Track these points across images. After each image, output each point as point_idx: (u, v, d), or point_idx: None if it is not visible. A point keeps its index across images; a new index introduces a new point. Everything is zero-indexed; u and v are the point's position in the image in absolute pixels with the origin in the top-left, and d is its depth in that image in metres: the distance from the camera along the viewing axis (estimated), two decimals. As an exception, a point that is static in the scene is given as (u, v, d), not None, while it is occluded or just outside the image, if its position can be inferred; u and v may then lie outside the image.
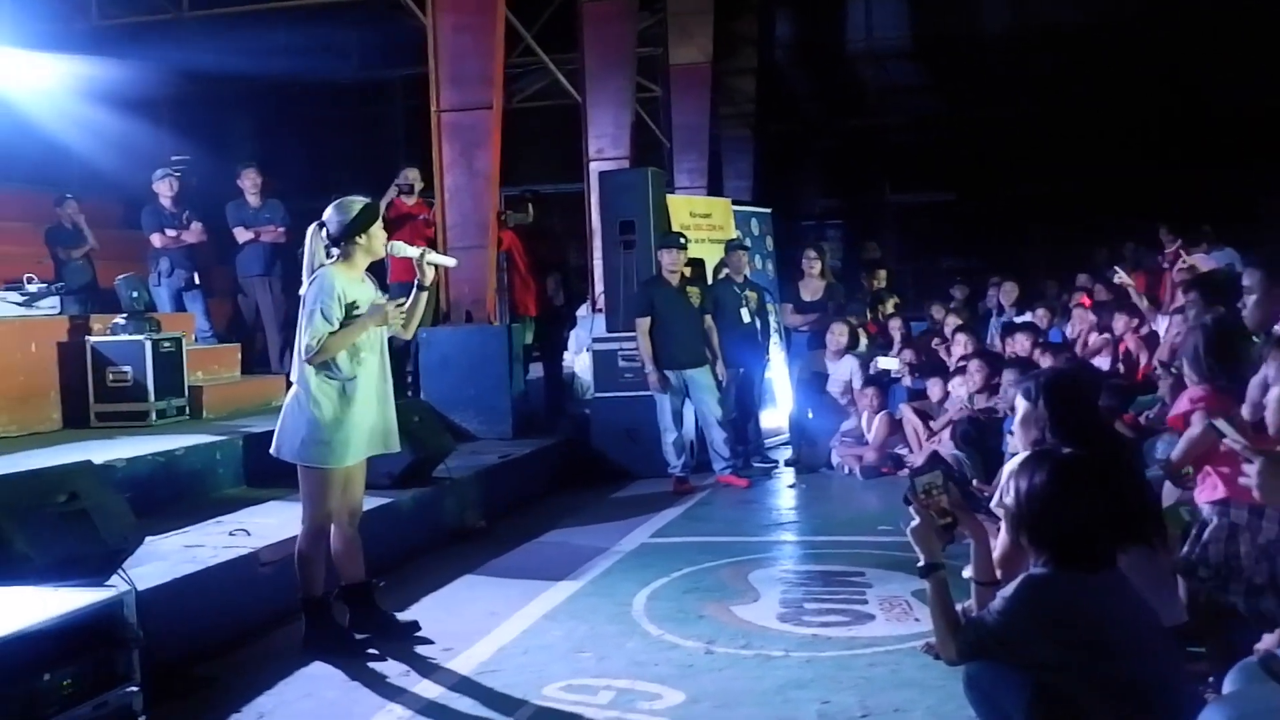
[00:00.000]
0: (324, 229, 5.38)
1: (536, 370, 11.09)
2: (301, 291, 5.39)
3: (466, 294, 10.12)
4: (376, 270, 10.98)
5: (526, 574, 6.92)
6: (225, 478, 7.63)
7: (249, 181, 11.34)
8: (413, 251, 5.66)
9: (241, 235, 11.23)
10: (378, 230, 5.44)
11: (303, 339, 5.28)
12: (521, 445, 9.56)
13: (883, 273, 13.81)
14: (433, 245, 10.36)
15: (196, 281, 11.23)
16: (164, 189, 11.24)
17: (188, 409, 8.81)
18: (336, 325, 5.25)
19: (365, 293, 5.45)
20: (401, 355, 10.45)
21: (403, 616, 5.95)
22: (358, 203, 5.42)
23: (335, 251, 5.39)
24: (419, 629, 5.65)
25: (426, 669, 5.15)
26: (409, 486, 7.49)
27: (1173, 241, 12.85)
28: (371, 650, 5.40)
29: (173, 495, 7.06)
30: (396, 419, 5.64)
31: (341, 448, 5.32)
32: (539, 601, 6.24)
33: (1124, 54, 19.26)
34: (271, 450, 5.45)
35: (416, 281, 5.59)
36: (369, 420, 5.42)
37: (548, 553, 7.56)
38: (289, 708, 4.76)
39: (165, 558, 5.59)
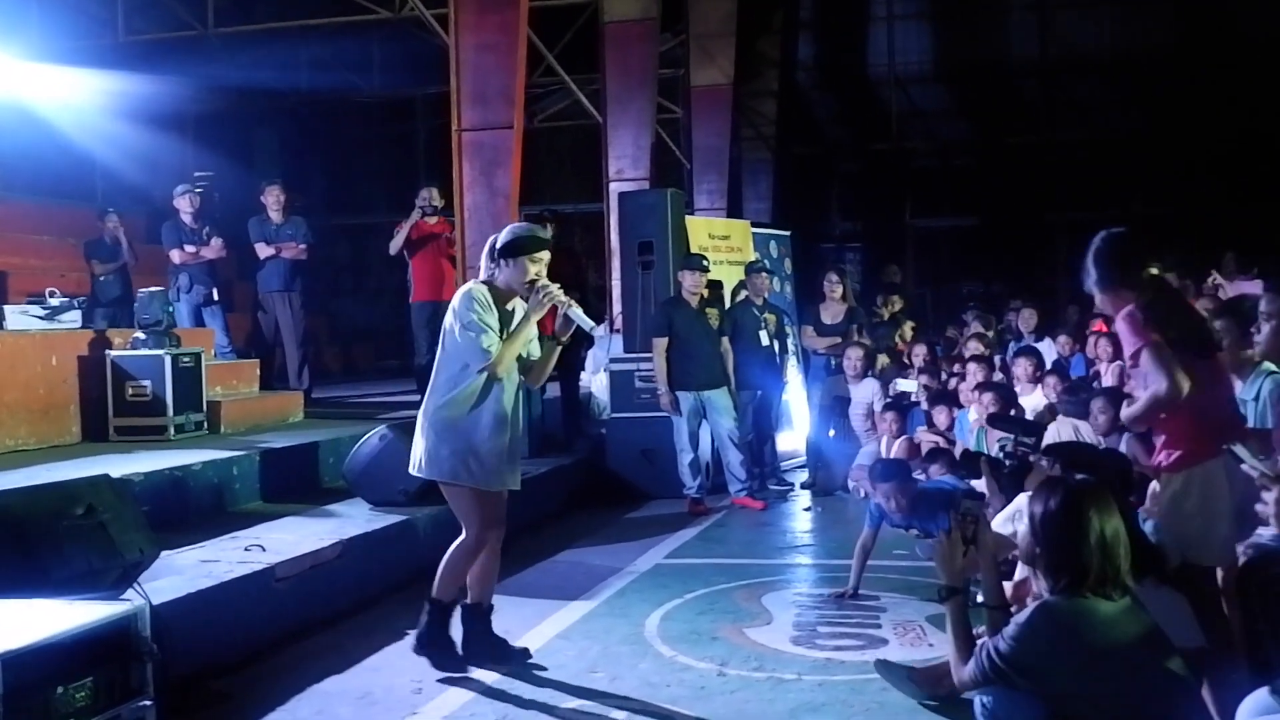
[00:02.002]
0: (496, 240, 5.39)
1: (553, 390, 11.08)
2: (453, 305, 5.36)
3: (485, 313, 10.13)
4: (401, 289, 11.14)
5: (541, 593, 6.91)
6: (242, 493, 7.65)
7: (271, 198, 11.40)
8: (561, 298, 5.41)
9: (263, 251, 11.28)
10: (527, 263, 5.29)
11: (469, 356, 5.20)
12: (538, 464, 9.55)
13: (896, 298, 13.79)
14: (452, 262, 10.44)
15: (216, 297, 11.30)
16: (185, 205, 11.31)
17: (206, 424, 8.84)
18: (498, 330, 5.23)
19: (508, 315, 5.38)
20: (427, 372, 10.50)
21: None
22: (525, 230, 5.45)
23: (490, 268, 5.38)
24: (530, 656, 5.57)
25: (438, 687, 5.15)
26: (424, 504, 7.48)
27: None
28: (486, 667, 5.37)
29: (189, 510, 7.07)
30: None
31: (480, 469, 5.26)
32: (553, 620, 6.25)
33: (1152, 82, 19.26)
34: (411, 469, 5.44)
35: (555, 333, 5.52)
36: (503, 446, 5.32)
37: (562, 572, 7.55)
38: (301, 724, 4.77)
39: (181, 572, 5.60)
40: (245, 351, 11.46)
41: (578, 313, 5.50)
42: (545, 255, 5.38)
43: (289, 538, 6.49)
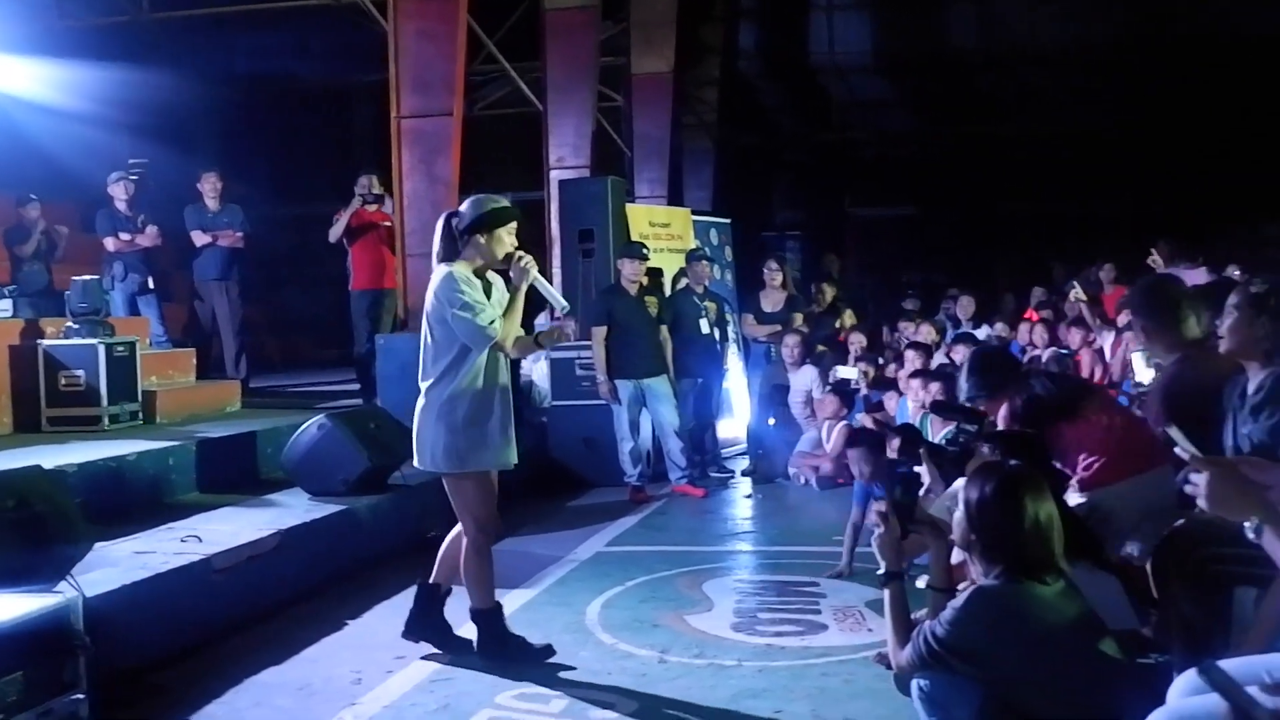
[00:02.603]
0: (456, 218, 5.21)
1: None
2: (432, 287, 5.21)
3: (425, 301, 10.07)
4: (342, 278, 11.07)
5: (482, 582, 6.88)
6: (178, 484, 7.56)
7: (208, 185, 11.27)
8: (535, 270, 5.31)
9: (199, 239, 11.16)
10: (503, 235, 5.16)
11: (468, 339, 5.06)
12: (479, 453, 9.50)
13: (828, 286, 13.82)
14: (393, 250, 10.39)
15: (151, 286, 11.14)
16: (119, 192, 11.15)
17: (141, 414, 8.72)
18: (491, 309, 5.09)
19: (488, 291, 5.23)
20: (368, 361, 10.43)
21: (361, 624, 5.96)
22: (491, 201, 5.20)
23: (456, 245, 5.20)
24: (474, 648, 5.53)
25: (378, 676, 5.13)
26: (365, 493, 7.46)
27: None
28: (551, 660, 5.30)
29: (125, 501, 6.97)
30: (365, 427, 5.49)
31: (475, 451, 5.20)
32: (494, 610, 6.22)
33: (1091, 74, 19.46)
34: (415, 463, 5.36)
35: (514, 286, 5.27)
36: (496, 427, 5.26)
37: (503, 560, 7.44)
38: (240, 716, 4.73)
39: (116, 564, 5.53)
40: (181, 341, 11.31)
41: (549, 288, 5.47)
42: (515, 225, 5.24)
43: (226, 528, 6.43)
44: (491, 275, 5.29)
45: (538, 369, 11.44)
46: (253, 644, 5.63)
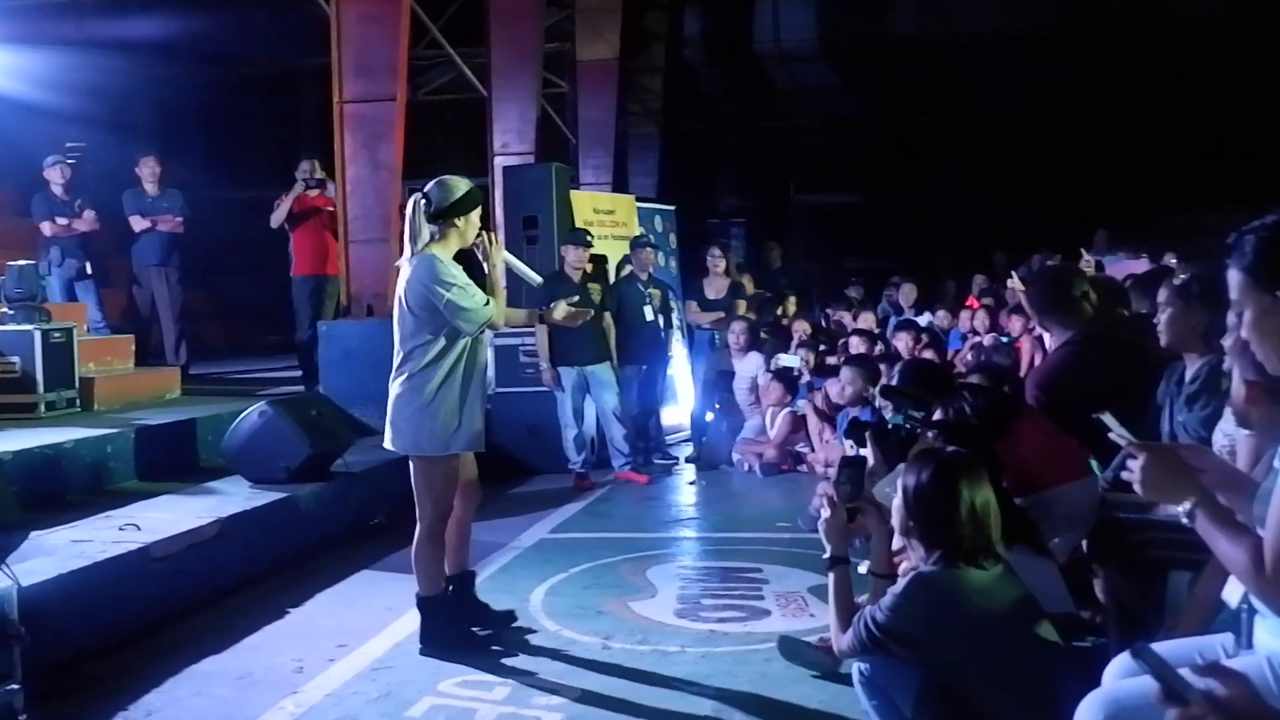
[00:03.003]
0: (426, 201, 5.21)
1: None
2: (399, 266, 5.29)
3: (368, 287, 10.03)
4: (285, 264, 10.97)
5: (425, 569, 6.86)
6: (117, 471, 7.48)
7: (147, 170, 11.15)
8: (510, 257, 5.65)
9: (138, 224, 11.03)
10: (475, 218, 5.29)
11: (458, 320, 5.11)
12: (422, 440, 9.47)
13: (747, 278, 13.73)
14: (334, 235, 10.32)
15: (89, 271, 10.99)
16: (55, 176, 10.99)
17: (79, 401, 8.60)
18: (478, 290, 5.18)
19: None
20: (310, 348, 10.35)
21: (302, 612, 5.92)
22: (462, 184, 5.27)
23: (432, 230, 5.22)
24: (515, 619, 5.64)
25: (320, 665, 5.11)
26: (307, 481, 7.41)
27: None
28: (495, 647, 5.33)
29: (62, 489, 6.91)
30: (307, 414, 5.50)
31: (457, 434, 5.23)
32: (437, 597, 6.21)
33: (1034, 64, 19.59)
34: (386, 444, 5.39)
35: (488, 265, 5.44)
36: (476, 409, 5.34)
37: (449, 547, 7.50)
38: (179, 705, 4.68)
39: (52, 553, 5.47)
40: (120, 327, 11.17)
41: (520, 265, 5.68)
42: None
43: (166, 516, 6.37)
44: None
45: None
46: (193, 633, 5.58)
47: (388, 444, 5.39)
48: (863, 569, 3.97)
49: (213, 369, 12.70)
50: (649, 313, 10.29)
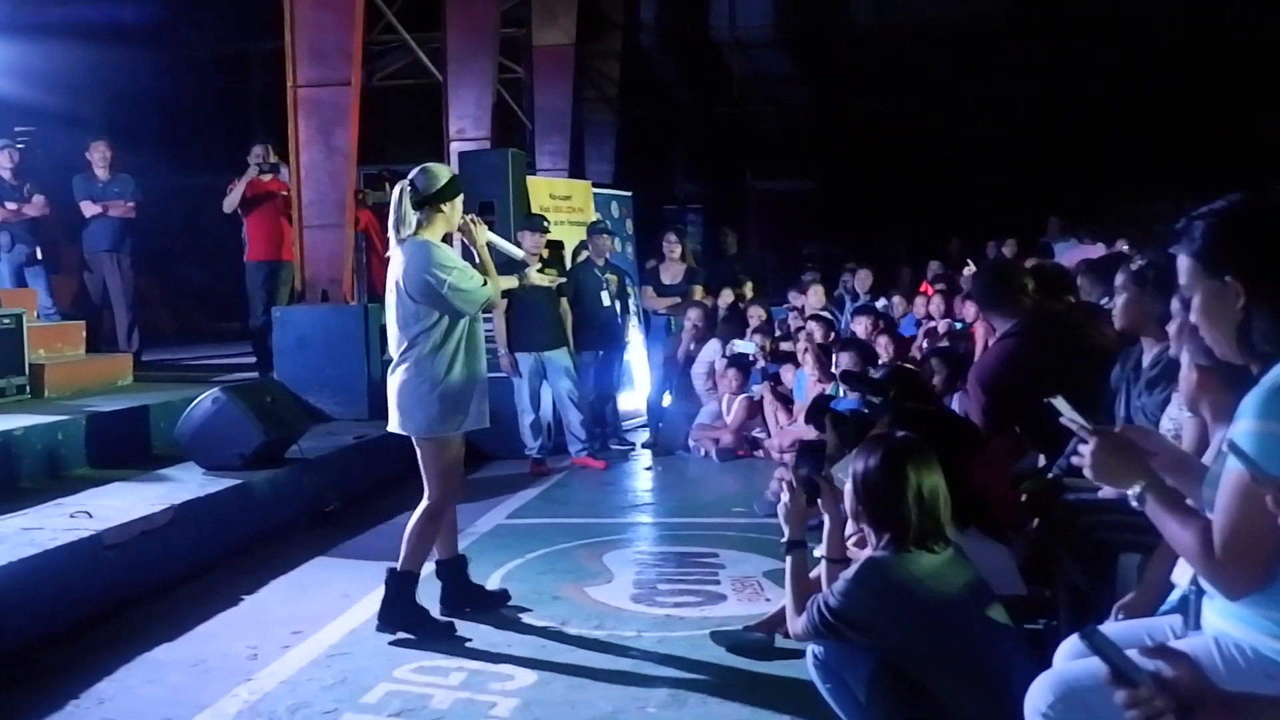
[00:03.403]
0: (412, 189, 5.29)
1: (394, 351, 10.97)
2: (389, 255, 5.39)
3: (323, 273, 9.97)
4: (239, 249, 10.87)
5: (381, 555, 6.78)
6: (69, 459, 7.40)
7: (98, 154, 11.02)
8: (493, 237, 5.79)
9: (88, 210, 10.91)
10: (460, 203, 5.43)
11: (460, 303, 5.21)
12: (377, 426, 9.36)
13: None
14: (289, 220, 10.25)
15: (39, 257, 10.86)
16: (4, 160, 10.84)
17: (29, 388, 8.50)
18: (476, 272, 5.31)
19: None
20: (264, 333, 10.27)
21: (257, 599, 5.89)
22: (446, 171, 5.43)
23: (418, 216, 5.30)
24: (509, 598, 5.72)
25: (275, 652, 5.08)
26: (261, 467, 7.36)
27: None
28: (458, 633, 5.36)
29: (13, 477, 6.85)
30: (265, 399, 5.52)
31: (465, 413, 5.35)
32: (393, 583, 6.19)
33: (988, 51, 19.70)
34: (396, 428, 5.41)
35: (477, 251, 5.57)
36: (482, 386, 5.47)
37: (402, 534, 7.47)
38: (132, 694, 4.65)
39: (3, 540, 5.43)
40: (71, 313, 11.05)
41: (504, 243, 5.89)
42: None
43: (118, 504, 6.32)
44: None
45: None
46: (145, 621, 5.54)
47: (394, 428, 5.43)
48: (818, 552, 3.99)
49: (165, 355, 12.60)
50: (606, 298, 10.29)
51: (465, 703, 4.46)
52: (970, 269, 10.50)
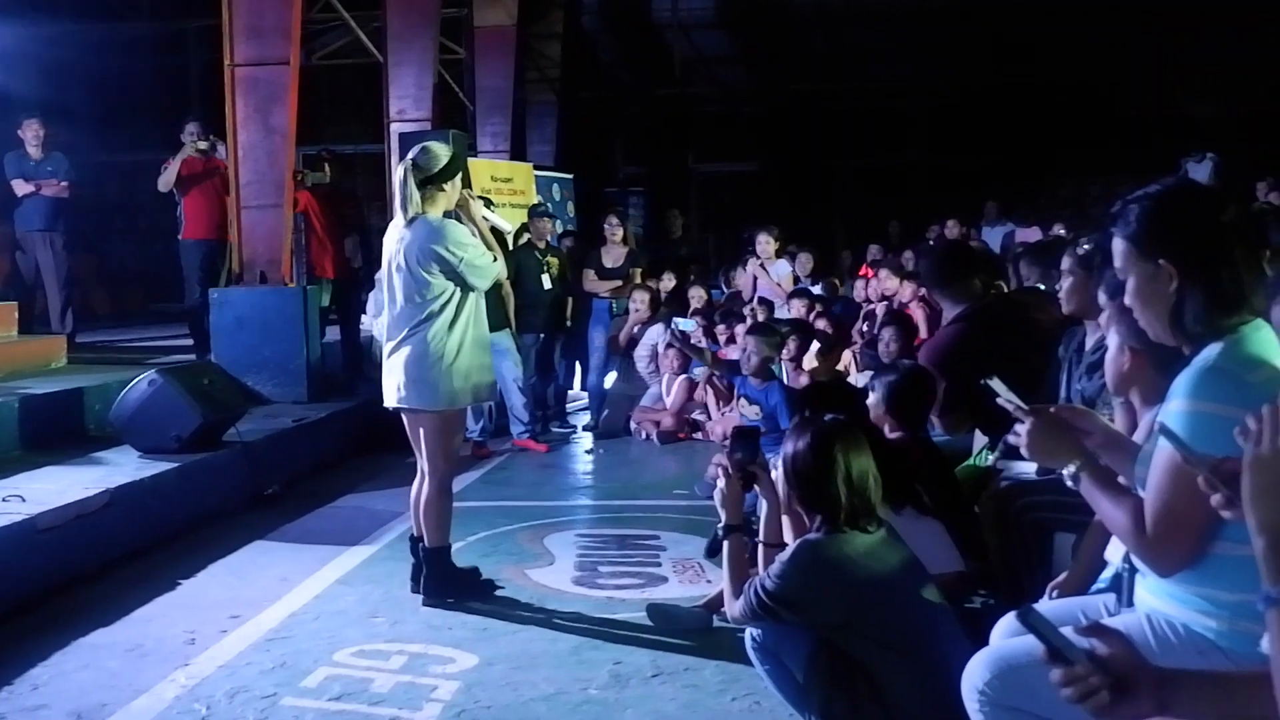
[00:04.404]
0: (416, 168, 5.36)
1: (334, 333, 10.88)
2: (392, 238, 5.43)
3: (261, 254, 9.85)
4: (172, 227, 10.73)
5: (321, 539, 6.81)
6: (1, 442, 7.28)
7: (30, 133, 10.83)
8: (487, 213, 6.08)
9: (20, 188, 10.73)
10: (459, 182, 5.55)
11: (471, 277, 5.35)
12: (317, 409, 9.38)
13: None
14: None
15: (-30, 236, 10.69)
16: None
17: (-40, 370, 8.38)
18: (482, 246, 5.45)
19: None
20: (201, 314, 10.15)
21: (194, 583, 5.84)
22: (445, 151, 5.50)
23: (421, 194, 5.37)
24: (479, 574, 5.74)
25: (213, 636, 5.03)
26: (198, 450, 7.29)
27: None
28: (498, 589, 5.60)
29: (-58, 460, 6.73)
30: (203, 381, 5.51)
31: (472, 387, 5.47)
32: (333, 566, 6.17)
33: (929, 32, 19.82)
34: (396, 404, 5.47)
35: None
36: (486, 361, 5.60)
37: (343, 517, 7.46)
38: (66, 679, 4.59)
39: (-67, 525, 5.33)
40: (2, 294, 10.86)
41: (495, 217, 6.17)
42: None
43: (52, 487, 6.22)
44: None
45: (378, 323, 11.27)
46: (80, 605, 5.47)
47: (394, 402, 5.49)
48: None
49: (100, 337, 12.43)
50: (547, 281, 10.27)
51: (406, 686, 4.45)
52: (908, 255, 10.58)
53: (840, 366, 9.26)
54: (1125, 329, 3.33)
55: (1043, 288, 6.36)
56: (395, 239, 5.41)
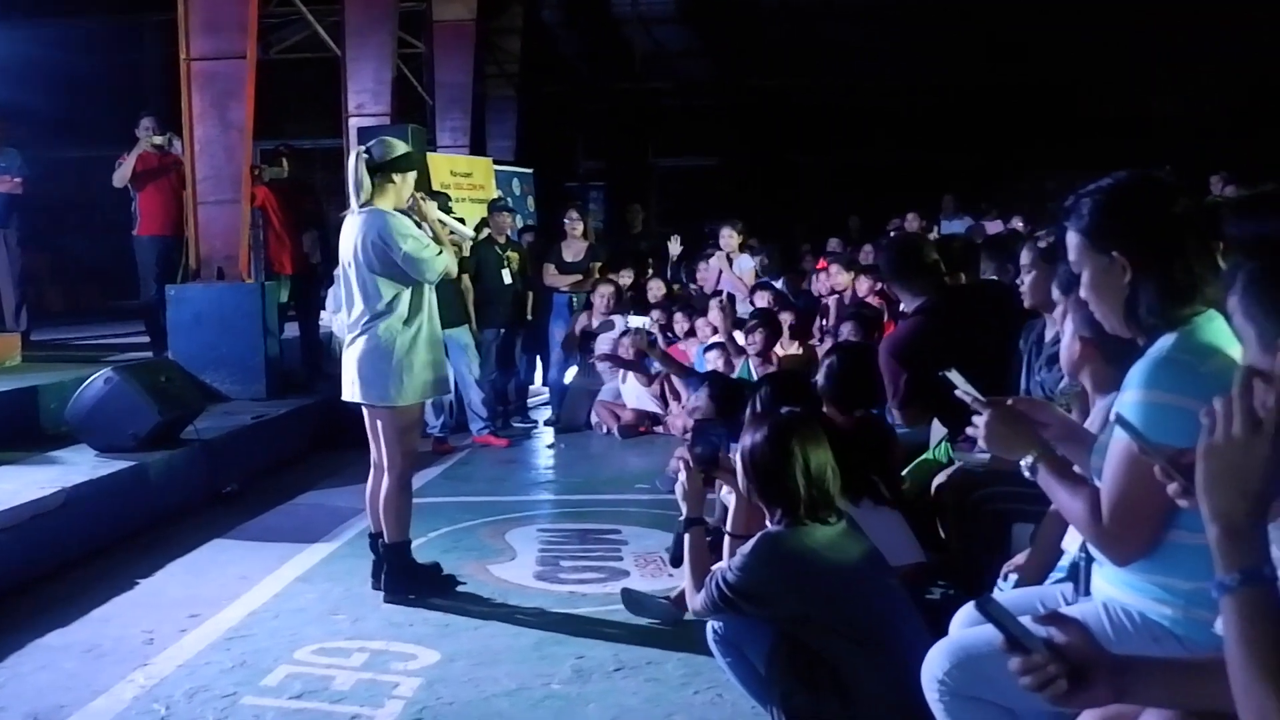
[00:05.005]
0: (369, 155, 5.36)
1: (292, 329, 10.81)
2: (348, 233, 5.40)
3: (218, 250, 9.78)
4: (128, 223, 10.63)
5: (280, 536, 6.78)
6: (-48, 442, 7.21)
7: (-18, 128, 10.70)
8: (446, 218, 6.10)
9: (-27, 185, 10.59)
10: (411, 179, 5.53)
11: (419, 272, 5.31)
12: (276, 406, 9.32)
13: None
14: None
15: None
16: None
17: (-87, 369, 8.28)
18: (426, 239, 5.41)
19: None
20: (157, 311, 10.06)
21: (153, 582, 5.79)
22: (401, 145, 5.51)
23: (372, 183, 5.35)
24: (441, 569, 5.70)
25: (172, 636, 5.00)
26: (156, 448, 7.23)
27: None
28: (460, 585, 5.59)
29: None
30: (160, 379, 5.48)
31: (428, 381, 5.46)
32: (293, 564, 6.14)
33: (887, 27, 19.88)
34: (354, 398, 5.45)
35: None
36: (441, 356, 5.61)
37: (303, 514, 7.42)
38: (23, 680, 4.54)
39: (-115, 525, 5.27)
40: (-44, 291, 10.73)
41: (453, 222, 6.20)
42: None
43: (7, 487, 6.16)
44: None
45: (337, 319, 11.22)
46: (37, 606, 5.42)
47: (352, 397, 5.48)
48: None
49: (55, 335, 12.31)
50: (507, 276, 10.25)
51: (368, 683, 4.43)
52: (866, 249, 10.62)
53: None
54: (1078, 319, 3.38)
55: (997, 279, 6.41)
56: (350, 234, 5.39)
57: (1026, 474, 2.76)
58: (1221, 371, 2.34)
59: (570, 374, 10.84)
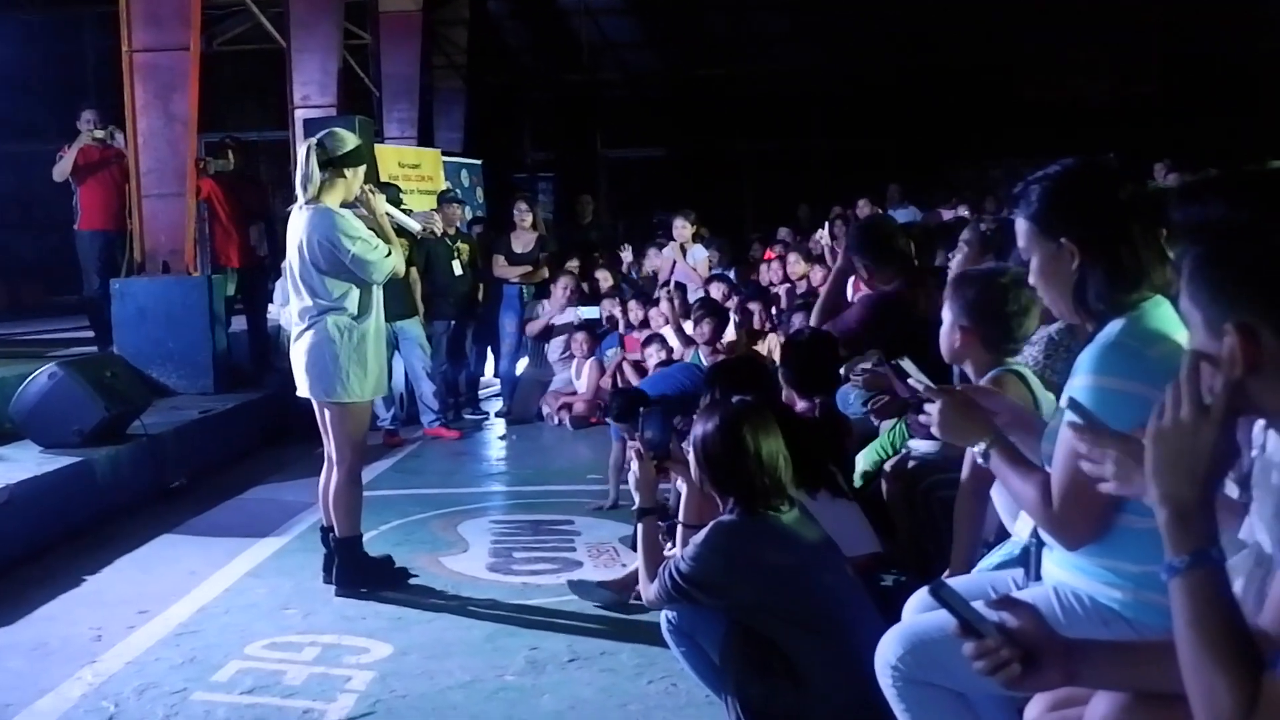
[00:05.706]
0: (320, 148, 5.30)
1: (240, 323, 10.71)
2: (294, 226, 5.35)
3: (163, 243, 9.67)
4: (69, 218, 10.49)
5: (229, 531, 6.72)
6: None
7: (-81, 121, 10.52)
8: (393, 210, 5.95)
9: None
10: (361, 173, 5.49)
11: (365, 271, 5.27)
12: (224, 400, 9.24)
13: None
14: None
15: None
16: None
17: None
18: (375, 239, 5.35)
19: None
20: (101, 305, 9.94)
21: (100, 579, 5.73)
22: (352, 139, 5.45)
23: (322, 177, 5.28)
24: (394, 562, 5.68)
25: (120, 633, 4.95)
26: (102, 444, 7.14)
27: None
28: (412, 578, 5.58)
29: None
30: (105, 374, 5.44)
31: (375, 379, 5.44)
32: (242, 559, 6.10)
33: (831, 15, 19.93)
34: (302, 393, 5.41)
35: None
36: (384, 354, 5.64)
37: (252, 509, 7.36)
38: (-33, 680, 4.49)
39: None
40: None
41: (401, 215, 6.09)
42: None
43: (-40, 481, 6.08)
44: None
45: (285, 313, 11.14)
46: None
47: (304, 392, 5.44)
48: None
49: (-3, 331, 12.14)
50: (457, 267, 10.21)
51: (319, 678, 4.41)
52: (823, 233, 10.60)
53: (763, 349, 9.27)
54: (956, 307, 3.49)
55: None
56: (296, 230, 5.34)
57: (979, 460, 2.78)
58: (1168, 356, 2.37)
59: (521, 365, 10.82)
